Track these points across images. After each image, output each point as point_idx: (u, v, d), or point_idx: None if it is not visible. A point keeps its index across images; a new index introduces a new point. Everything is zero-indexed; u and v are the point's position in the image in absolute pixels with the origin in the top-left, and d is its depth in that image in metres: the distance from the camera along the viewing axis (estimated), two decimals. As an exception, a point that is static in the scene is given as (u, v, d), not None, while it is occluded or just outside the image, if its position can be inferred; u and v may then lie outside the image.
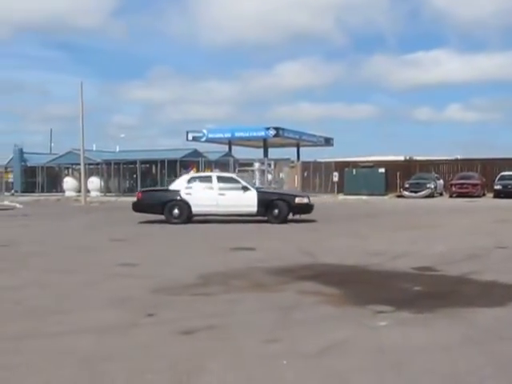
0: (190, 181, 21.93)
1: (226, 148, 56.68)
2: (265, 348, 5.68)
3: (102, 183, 51.06)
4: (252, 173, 47.73)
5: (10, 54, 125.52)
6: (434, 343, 5.81)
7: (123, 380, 4.81)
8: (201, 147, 54.39)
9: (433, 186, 44.00)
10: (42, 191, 53.65)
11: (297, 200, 21.32)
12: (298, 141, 56.87)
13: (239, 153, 57.46)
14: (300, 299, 7.88)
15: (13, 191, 54.18)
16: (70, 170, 56.79)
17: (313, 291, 8.36)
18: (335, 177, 50.06)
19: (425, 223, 20.71)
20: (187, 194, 21.09)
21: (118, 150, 63.05)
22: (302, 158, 56.80)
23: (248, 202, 21.04)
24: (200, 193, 21.28)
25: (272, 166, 47.51)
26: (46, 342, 5.96)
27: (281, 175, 48.62)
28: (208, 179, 22.11)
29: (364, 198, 41.37)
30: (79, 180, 46.92)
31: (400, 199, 41.84)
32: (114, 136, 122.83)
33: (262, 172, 46.56)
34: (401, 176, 48.04)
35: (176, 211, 20.86)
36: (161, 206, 20.96)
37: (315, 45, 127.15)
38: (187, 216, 20.89)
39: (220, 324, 6.55)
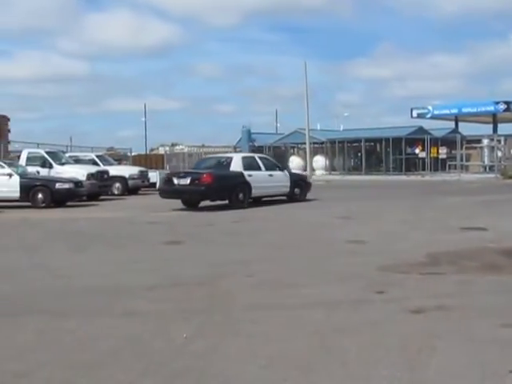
0: (244, 162, 20.67)
1: (452, 124, 54.76)
2: (499, 333, 5.41)
3: (327, 162, 51.81)
4: (480, 150, 45.66)
5: (239, 39, 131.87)
6: None
7: (354, 355, 4.85)
8: (426, 124, 53.08)
9: None
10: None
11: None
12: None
13: (466, 129, 55.23)
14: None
15: (242, 170, 56.76)
16: (296, 149, 58.34)
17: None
18: None
19: None
20: (249, 175, 19.97)
21: (341, 128, 63.58)
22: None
23: (285, 182, 21.44)
24: (258, 175, 20.35)
25: (502, 143, 44.96)
26: (279, 313, 6.20)
27: (512, 152, 45.88)
28: (253, 160, 21.42)
29: None
30: (304, 159, 48.09)
31: None
32: (337, 115, 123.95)
33: (492, 149, 44.35)
34: None
35: (241, 195, 19.53)
36: (230, 190, 19.36)
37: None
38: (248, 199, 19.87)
39: (451, 305, 6.35)
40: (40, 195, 21.13)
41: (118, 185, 27.04)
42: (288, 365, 4.63)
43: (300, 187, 22.32)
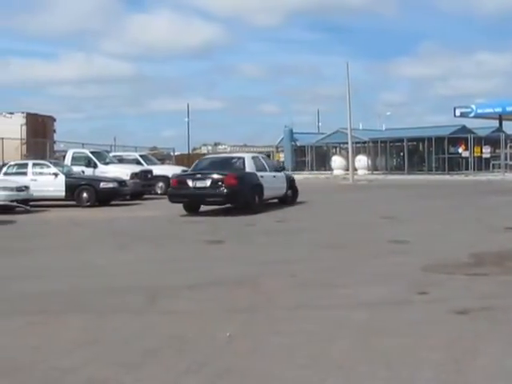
0: (254, 162, 18.94)
1: (496, 123, 53.87)
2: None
3: (369, 161, 51.45)
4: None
5: (282, 39, 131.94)
6: None
7: (397, 355, 4.81)
8: (469, 123, 52.27)
9: None
10: (311, 169, 55.55)
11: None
12: None
13: (511, 128, 54.23)
14: None
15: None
16: (338, 149, 58.08)
17: None
18: None
19: None
20: (261, 176, 18.27)
21: (384, 128, 63.06)
22: None
23: (283, 183, 19.90)
24: (267, 176, 18.70)
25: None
26: (321, 313, 6.18)
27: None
28: (259, 160, 19.82)
29: None
30: (347, 158, 47.78)
31: None
32: (380, 114, 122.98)
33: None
34: None
35: (257, 198, 17.73)
36: (251, 193, 17.57)
37: None
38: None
39: (497, 306, 6.26)
40: (85, 194, 21.47)
41: (161, 184, 27.22)
42: (329, 365, 4.62)
43: (292, 189, 20.76)
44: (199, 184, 17.18)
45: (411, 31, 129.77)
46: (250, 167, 18.26)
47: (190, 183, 17.34)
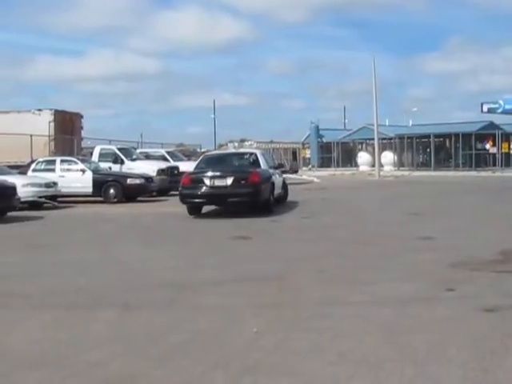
0: (265, 158, 18.17)
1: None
2: None
3: (396, 158, 51.15)
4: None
5: (308, 35, 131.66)
6: None
7: (425, 352, 4.78)
8: (497, 119, 51.67)
9: None
10: (337, 166, 55.37)
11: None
12: None
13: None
14: None
15: (310, 166, 56.78)
16: (364, 145, 57.84)
17: None
18: None
19: None
20: (272, 174, 17.35)
21: (410, 124, 62.55)
22: None
23: (281, 182, 18.90)
24: (275, 174, 17.92)
25: None
26: (348, 309, 6.17)
27: None
28: (266, 156, 19.40)
29: None
30: (373, 155, 47.59)
31: None
32: (406, 110, 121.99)
33: None
34: None
35: (272, 197, 16.58)
36: (270, 192, 16.35)
37: None
38: None
39: (526, 303, 6.20)
40: (112, 190, 21.63)
41: (187, 180, 27.28)
42: (357, 361, 4.61)
43: (285, 189, 19.54)
44: (218, 182, 15.58)
45: (439, 26, 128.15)
46: (263, 164, 17.22)
47: (208, 182, 15.65)
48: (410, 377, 4.30)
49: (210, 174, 15.89)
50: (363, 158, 53.19)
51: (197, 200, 15.96)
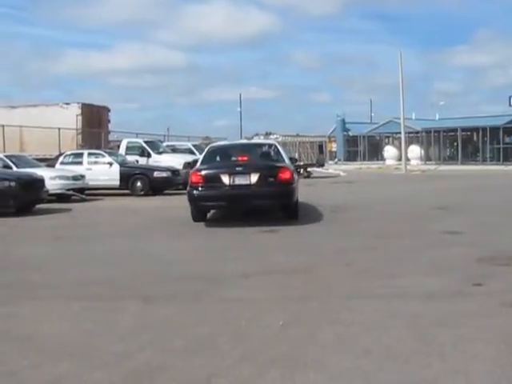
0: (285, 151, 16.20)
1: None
2: None
3: (422, 151, 50.81)
4: None
5: (336, 28, 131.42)
6: None
7: (451, 346, 4.77)
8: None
9: None
10: (364, 160, 55.19)
11: None
12: None
13: None
14: None
15: (336, 160, 56.65)
16: (390, 139, 57.50)
17: None
18: None
19: None
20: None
21: (437, 117, 62.00)
22: None
23: None
24: None
25: None
26: (376, 302, 6.16)
27: None
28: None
29: None
30: (399, 148, 47.34)
31: None
32: (433, 104, 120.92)
33: None
34: None
35: None
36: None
37: None
38: None
39: (555, 299, 6.14)
40: (139, 183, 21.81)
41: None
42: (384, 355, 4.61)
43: None
44: (240, 180, 12.51)
45: (466, 19, 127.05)
46: (286, 157, 14.42)
47: (226, 179, 12.53)
48: (437, 371, 4.29)
49: (227, 169, 12.84)
50: (390, 151, 52.91)
51: (211, 203, 13.02)
